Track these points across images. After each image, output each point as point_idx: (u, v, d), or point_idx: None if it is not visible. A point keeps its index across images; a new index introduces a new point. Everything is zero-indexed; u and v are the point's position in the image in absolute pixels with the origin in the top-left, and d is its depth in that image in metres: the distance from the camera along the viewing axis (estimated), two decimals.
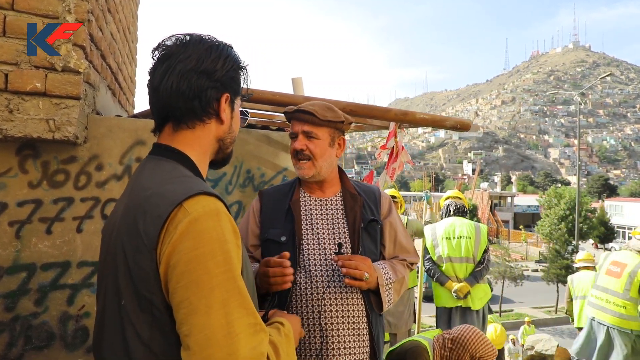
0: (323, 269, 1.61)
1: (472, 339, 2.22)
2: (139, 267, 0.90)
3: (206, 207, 0.91)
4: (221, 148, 1.13)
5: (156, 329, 0.91)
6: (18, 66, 1.76)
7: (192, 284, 0.85)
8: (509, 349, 11.47)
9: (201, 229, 0.88)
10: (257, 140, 2.41)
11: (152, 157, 1.07)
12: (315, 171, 1.65)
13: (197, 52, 1.02)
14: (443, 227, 4.34)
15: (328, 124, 1.64)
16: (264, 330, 0.92)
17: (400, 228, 1.80)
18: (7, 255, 1.89)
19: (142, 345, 0.91)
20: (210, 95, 1.03)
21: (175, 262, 0.87)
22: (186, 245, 0.87)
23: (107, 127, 2.07)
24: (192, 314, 0.85)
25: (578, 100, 26.05)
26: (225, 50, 1.08)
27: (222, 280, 0.87)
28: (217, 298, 0.86)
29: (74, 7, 1.84)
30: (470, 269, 4.14)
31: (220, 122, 1.08)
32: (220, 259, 0.88)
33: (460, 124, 2.46)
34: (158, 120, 1.09)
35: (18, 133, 1.77)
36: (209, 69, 1.02)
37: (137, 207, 0.94)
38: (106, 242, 1.04)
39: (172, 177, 0.98)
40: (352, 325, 1.60)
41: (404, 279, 1.70)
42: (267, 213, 1.72)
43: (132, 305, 0.91)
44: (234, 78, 1.08)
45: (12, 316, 1.90)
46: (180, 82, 1.01)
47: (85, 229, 2.02)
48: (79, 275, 2.00)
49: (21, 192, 1.92)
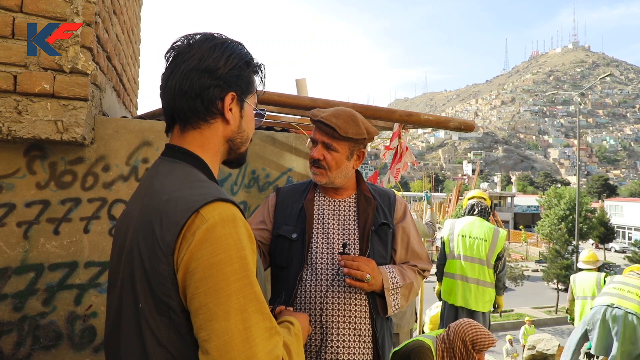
0: (329, 267, 1.62)
1: (462, 325, 2.21)
2: (156, 272, 0.91)
3: (223, 213, 0.91)
4: (232, 148, 1.11)
5: (173, 332, 0.92)
6: (27, 68, 1.78)
7: (211, 290, 0.87)
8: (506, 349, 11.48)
9: (218, 236, 0.89)
10: (262, 141, 2.43)
11: (165, 158, 1.06)
12: (328, 180, 1.66)
13: (200, 51, 1.01)
14: (462, 224, 4.38)
15: (349, 140, 1.62)
16: (279, 334, 0.94)
17: (414, 234, 1.78)
18: (15, 256, 1.91)
19: (159, 347, 0.92)
20: (212, 94, 1.01)
21: (193, 268, 0.88)
22: (204, 252, 0.88)
23: (114, 128, 2.08)
24: (211, 320, 0.86)
25: (578, 100, 26.07)
26: (230, 47, 1.05)
27: (240, 286, 0.88)
28: (235, 304, 0.87)
29: (82, 10, 1.85)
30: (481, 271, 4.16)
31: (226, 122, 1.06)
32: (237, 265, 0.89)
33: (465, 124, 2.48)
34: (167, 121, 1.09)
35: (26, 134, 1.78)
36: (211, 67, 1.00)
37: (153, 212, 0.95)
38: (120, 244, 1.04)
39: (188, 182, 0.98)
40: (354, 326, 1.60)
41: (412, 284, 1.69)
42: (281, 210, 1.74)
43: (150, 308, 0.92)
44: (240, 76, 1.05)
45: (20, 316, 1.91)
46: (182, 81, 1.00)
47: (92, 230, 2.03)
48: (86, 275, 2.01)
49: (29, 193, 1.93)
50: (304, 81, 2.95)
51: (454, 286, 4.29)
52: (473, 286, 4.20)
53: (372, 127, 1.70)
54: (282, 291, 1.51)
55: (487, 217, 4.45)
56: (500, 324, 16.49)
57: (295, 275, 1.63)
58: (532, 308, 19.43)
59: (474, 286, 4.19)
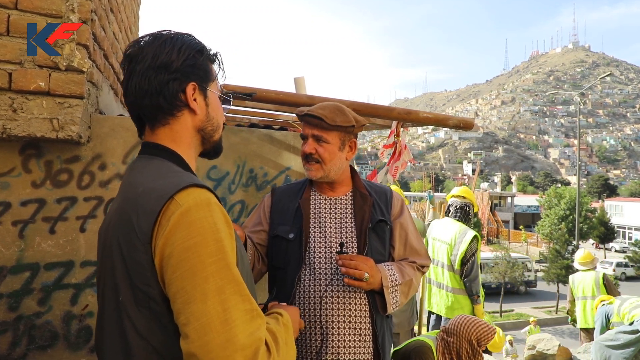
0: (327, 267, 1.61)
1: (463, 325, 2.20)
2: (135, 262, 0.91)
3: (197, 198, 0.92)
4: (204, 138, 1.12)
5: (154, 322, 0.92)
6: (22, 65, 1.76)
7: (187, 273, 0.87)
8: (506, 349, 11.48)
9: (193, 220, 0.89)
10: (260, 139, 2.41)
11: (141, 156, 1.08)
12: (323, 173, 1.65)
13: (152, 50, 1.03)
14: (436, 227, 4.27)
15: (338, 129, 1.62)
16: (261, 317, 0.93)
17: (412, 230, 1.77)
18: (10, 255, 1.89)
19: (140, 339, 0.92)
20: (173, 88, 1.03)
21: (169, 253, 0.88)
22: (179, 236, 0.88)
23: (110, 127, 2.07)
24: (188, 303, 0.86)
25: (578, 100, 26.07)
26: (180, 39, 1.06)
27: (217, 268, 0.88)
28: (212, 286, 0.87)
29: (78, 7, 1.84)
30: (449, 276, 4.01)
31: (193, 113, 1.07)
32: (213, 248, 0.89)
33: (464, 122, 2.46)
34: (136, 123, 1.11)
35: (22, 132, 1.76)
36: (165, 61, 1.02)
37: (130, 204, 0.96)
38: (102, 242, 1.05)
39: (162, 173, 0.99)
40: (354, 325, 1.59)
41: (411, 281, 1.68)
42: (277, 210, 1.73)
43: (130, 300, 0.92)
44: (196, 65, 1.06)
45: (15, 316, 1.89)
46: (141, 81, 1.02)
47: (89, 229, 2.01)
48: (82, 274, 1.99)
49: (24, 192, 1.92)
50: (302, 80, 2.94)
51: (430, 291, 4.23)
52: (444, 292, 4.04)
53: (359, 116, 1.71)
54: (274, 287, 1.50)
55: (466, 217, 4.14)
56: (501, 324, 16.48)
57: (293, 276, 1.61)
58: (532, 308, 19.43)
59: (444, 292, 4.03)
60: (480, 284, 4.02)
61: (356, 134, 1.71)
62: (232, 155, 2.34)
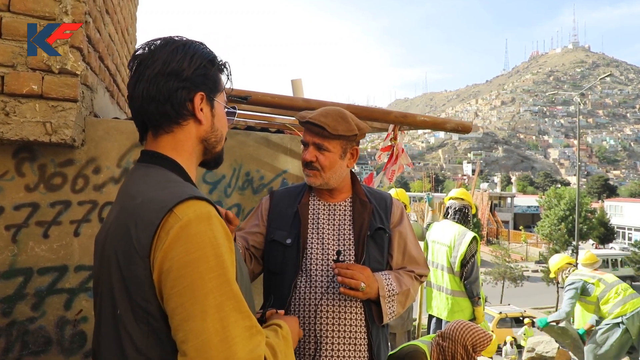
0: (324, 274, 1.59)
1: (459, 330, 2.18)
2: (133, 276, 0.89)
3: (197, 211, 0.90)
4: (207, 149, 1.11)
5: (153, 338, 0.90)
6: (14, 68, 1.74)
7: (186, 289, 0.85)
8: (506, 350, 11.47)
9: (193, 234, 0.87)
10: (256, 142, 2.39)
11: (140, 164, 1.06)
12: (323, 181, 1.62)
13: (163, 55, 1.01)
14: (435, 229, 4.25)
15: (340, 138, 1.59)
16: (261, 333, 0.91)
17: (411, 238, 1.75)
18: (3, 260, 1.87)
19: (139, 355, 0.90)
20: (181, 96, 1.01)
21: (168, 268, 0.86)
22: (178, 250, 0.86)
23: (105, 130, 2.05)
24: (187, 320, 0.84)
25: (577, 100, 26.03)
26: (193, 48, 1.04)
27: (216, 284, 0.86)
28: (212, 303, 0.85)
29: (71, 9, 1.82)
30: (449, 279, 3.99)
31: (198, 123, 1.05)
32: (213, 263, 0.87)
33: (461, 126, 2.44)
34: (139, 129, 1.08)
35: (14, 136, 1.75)
36: (176, 69, 1.00)
37: (128, 215, 0.93)
38: (99, 251, 1.03)
39: (162, 183, 0.97)
40: (348, 335, 1.56)
41: (409, 291, 1.65)
42: (275, 214, 1.70)
43: (128, 315, 0.90)
44: (206, 75, 1.05)
45: (8, 321, 1.87)
46: (149, 87, 1.00)
47: (83, 233, 1.99)
48: (76, 279, 1.97)
49: (18, 196, 1.90)
50: (299, 82, 2.92)
51: (430, 294, 4.21)
52: (444, 295, 4.03)
53: (362, 123, 1.67)
54: (271, 294, 1.47)
55: (465, 219, 4.14)
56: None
57: (289, 281, 1.59)
58: (532, 309, 19.41)
59: (444, 295, 4.02)
60: (480, 286, 4.02)
61: (358, 141, 1.68)
62: (228, 158, 2.32)
